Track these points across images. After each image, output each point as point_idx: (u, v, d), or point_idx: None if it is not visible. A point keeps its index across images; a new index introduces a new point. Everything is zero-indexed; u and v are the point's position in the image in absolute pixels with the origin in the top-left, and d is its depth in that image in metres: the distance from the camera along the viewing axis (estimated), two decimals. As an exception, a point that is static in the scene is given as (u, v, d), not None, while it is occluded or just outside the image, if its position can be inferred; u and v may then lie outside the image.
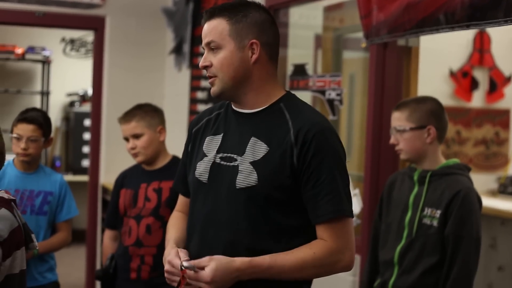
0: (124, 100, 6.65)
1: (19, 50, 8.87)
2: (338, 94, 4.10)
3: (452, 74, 6.15)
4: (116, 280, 3.84)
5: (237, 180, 2.27)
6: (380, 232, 3.35)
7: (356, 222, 4.06)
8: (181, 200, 2.63)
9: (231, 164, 2.31)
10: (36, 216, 3.87)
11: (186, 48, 6.22)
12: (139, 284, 3.75)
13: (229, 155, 2.33)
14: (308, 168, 2.23)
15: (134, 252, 3.76)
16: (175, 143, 6.41)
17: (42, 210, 3.90)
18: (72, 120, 9.25)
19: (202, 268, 2.17)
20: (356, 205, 4.07)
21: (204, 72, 2.39)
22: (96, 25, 6.67)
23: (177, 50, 6.41)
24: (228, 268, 2.16)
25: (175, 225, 2.56)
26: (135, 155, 3.89)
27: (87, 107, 8.98)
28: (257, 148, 2.28)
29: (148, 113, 3.88)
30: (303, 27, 5.27)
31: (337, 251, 2.25)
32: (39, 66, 9.24)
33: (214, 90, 2.32)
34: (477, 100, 6.28)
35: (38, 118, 3.87)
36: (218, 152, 2.36)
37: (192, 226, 2.41)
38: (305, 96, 4.67)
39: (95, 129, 6.78)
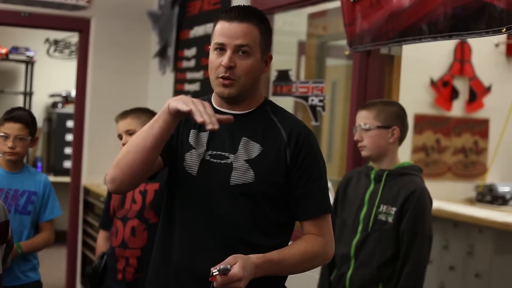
0: (107, 101, 6.70)
1: (2, 50, 8.87)
2: (320, 100, 4.16)
3: (433, 83, 6.23)
4: (105, 279, 3.87)
5: (232, 177, 2.33)
6: (335, 227, 3.44)
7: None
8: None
9: (223, 161, 2.36)
10: (20, 215, 3.89)
11: (171, 51, 6.26)
12: (124, 284, 3.77)
13: (219, 153, 2.38)
14: (300, 167, 2.36)
15: (119, 254, 3.75)
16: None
17: (26, 209, 3.92)
18: (54, 121, 9.25)
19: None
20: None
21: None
22: (82, 26, 6.70)
23: (162, 54, 6.45)
24: (250, 264, 2.20)
25: None
26: None
27: (70, 109, 8.98)
28: (250, 148, 2.36)
29: (145, 113, 3.87)
30: (287, 33, 5.33)
31: (327, 244, 2.40)
32: (22, 67, 9.24)
33: (231, 92, 2.33)
34: (457, 109, 6.36)
35: (25, 117, 3.89)
36: (207, 149, 2.39)
37: (182, 220, 2.41)
38: (288, 102, 4.74)
39: (78, 131, 6.81)
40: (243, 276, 2.16)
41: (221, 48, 2.33)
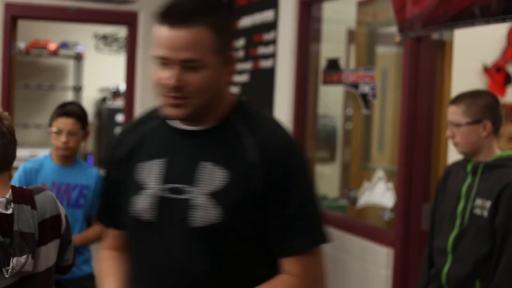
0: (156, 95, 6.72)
1: (52, 46, 8.96)
2: (371, 89, 4.11)
3: (486, 69, 6.12)
4: None
5: (191, 218, 1.85)
6: (435, 220, 3.36)
7: (389, 216, 4.08)
8: (111, 234, 2.12)
9: (181, 197, 1.87)
10: (72, 209, 3.91)
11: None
12: None
13: (175, 186, 1.88)
14: (276, 191, 1.85)
15: None
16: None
17: (78, 203, 3.95)
18: (104, 116, 9.33)
19: None
20: (389, 199, 4.08)
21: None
22: (129, 20, 6.72)
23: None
24: None
25: (111, 272, 2.07)
26: None
27: (119, 103, 9.04)
28: (213, 175, 1.85)
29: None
30: (336, 21, 5.27)
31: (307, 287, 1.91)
32: (71, 62, 9.33)
33: (182, 113, 1.85)
34: (511, 95, 6.25)
35: (77, 111, 3.93)
36: (162, 182, 1.89)
37: (138, 276, 1.98)
38: (338, 90, 4.69)
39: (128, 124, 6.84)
40: None
41: (164, 62, 1.84)
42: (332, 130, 5.24)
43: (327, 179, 5.19)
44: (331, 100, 5.18)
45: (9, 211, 2.42)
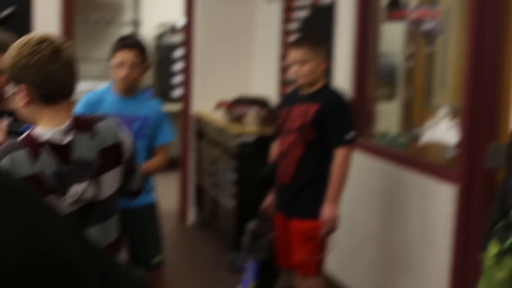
0: (215, 30, 6.77)
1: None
2: (435, 25, 4.10)
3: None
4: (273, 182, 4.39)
5: None
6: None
7: (452, 153, 4.10)
8: None
9: None
10: (134, 140, 4.01)
11: (279, -21, 6.25)
12: (280, 187, 4.31)
13: None
14: None
15: (280, 161, 4.28)
16: (266, 73, 6.50)
17: (140, 134, 4.01)
18: (162, 51, 9.40)
19: None
20: (453, 137, 4.10)
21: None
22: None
23: (269, -19, 6.44)
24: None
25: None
26: (298, 78, 4.21)
27: (176, 38, 9.11)
28: None
29: (317, 44, 4.16)
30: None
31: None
32: (130, -3, 9.39)
33: None
34: None
35: (138, 44, 4.00)
36: None
37: None
38: (398, 28, 4.68)
39: (188, 59, 6.91)
40: None
41: None
42: (392, 68, 5.25)
43: (387, 116, 5.22)
44: (391, 37, 5.16)
45: (67, 140, 2.50)
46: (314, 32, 5.48)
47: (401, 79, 5.08)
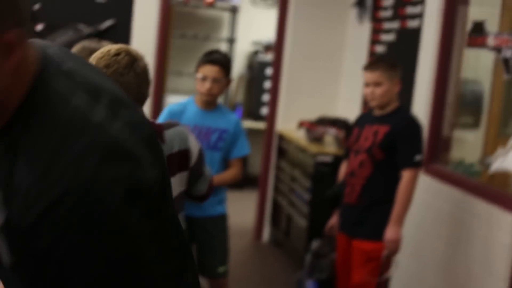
0: (305, 50, 6.81)
1: (209, -2, 9.19)
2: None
3: None
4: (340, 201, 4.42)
5: None
6: None
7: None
8: None
9: None
10: (211, 151, 4.10)
11: (369, 1, 6.24)
12: (347, 206, 4.32)
13: None
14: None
15: (348, 180, 4.31)
16: (350, 94, 6.49)
17: (217, 146, 4.13)
18: (255, 69, 9.50)
19: None
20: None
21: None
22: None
23: (360, 3, 6.44)
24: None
25: None
26: (372, 100, 4.27)
27: (270, 56, 9.19)
28: None
29: (391, 67, 4.23)
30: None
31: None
32: (227, 14, 9.54)
33: None
34: None
35: (222, 60, 4.12)
36: None
37: None
38: (488, 55, 4.59)
39: (276, 77, 6.97)
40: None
41: None
42: (479, 96, 5.15)
43: (470, 144, 5.14)
44: (480, 64, 5.08)
45: None
46: (400, 56, 5.44)
47: (486, 108, 4.99)
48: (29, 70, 1.24)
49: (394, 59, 4.67)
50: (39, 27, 6.17)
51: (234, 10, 9.37)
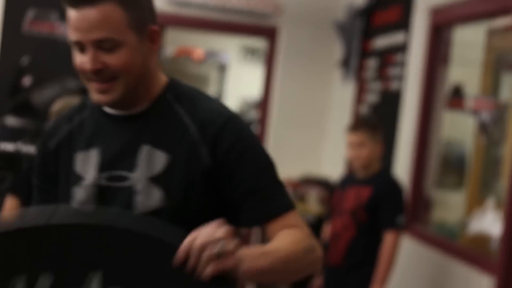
0: (291, 108, 6.85)
1: (199, 54, 9.27)
2: (491, 117, 4.06)
3: None
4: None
5: (133, 204, 1.75)
6: None
7: (497, 245, 4.01)
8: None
9: (120, 184, 1.77)
10: None
11: (354, 61, 6.30)
12: (330, 269, 4.27)
13: (114, 173, 1.78)
14: (229, 162, 1.75)
15: (332, 243, 4.26)
16: (335, 153, 6.52)
17: None
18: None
19: None
20: (498, 228, 4.00)
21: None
22: (270, 34, 6.89)
23: (345, 62, 6.50)
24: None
25: None
26: (355, 160, 4.30)
27: (257, 114, 9.24)
28: (153, 159, 1.76)
29: (374, 128, 4.27)
30: (466, 47, 5.19)
31: (310, 236, 1.77)
32: (215, 71, 9.62)
33: (111, 98, 1.75)
34: None
35: None
36: (101, 170, 1.79)
37: None
38: (462, 115, 4.62)
39: (261, 135, 6.99)
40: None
41: (80, 46, 1.73)
42: (461, 157, 5.18)
43: (452, 205, 5.16)
44: (461, 126, 5.12)
45: None
46: (382, 116, 5.48)
47: (468, 169, 5.02)
48: (161, 76, 1.85)
49: (377, 120, 4.68)
50: (27, 80, 6.20)
51: (222, 68, 9.45)
